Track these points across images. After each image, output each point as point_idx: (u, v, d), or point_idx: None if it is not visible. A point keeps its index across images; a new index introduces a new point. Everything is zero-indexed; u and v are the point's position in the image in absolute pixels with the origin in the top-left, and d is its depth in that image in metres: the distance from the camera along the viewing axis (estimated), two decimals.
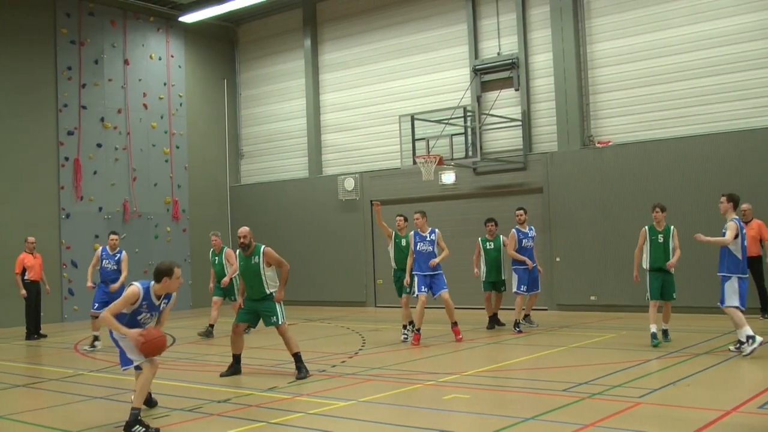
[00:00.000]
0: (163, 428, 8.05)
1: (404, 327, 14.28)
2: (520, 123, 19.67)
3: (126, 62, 23.19)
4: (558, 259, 18.76)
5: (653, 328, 12.38)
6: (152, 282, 8.19)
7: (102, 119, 22.46)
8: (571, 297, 18.55)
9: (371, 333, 15.60)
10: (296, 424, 8.01)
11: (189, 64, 24.99)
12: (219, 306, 16.28)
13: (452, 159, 18.85)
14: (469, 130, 18.95)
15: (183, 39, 24.76)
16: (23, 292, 17.12)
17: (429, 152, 18.47)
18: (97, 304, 14.80)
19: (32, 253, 17.42)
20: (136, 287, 8.10)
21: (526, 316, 15.71)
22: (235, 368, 11.27)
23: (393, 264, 14.99)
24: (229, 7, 22.30)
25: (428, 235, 14.22)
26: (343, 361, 12.02)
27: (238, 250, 11.35)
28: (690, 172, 17.06)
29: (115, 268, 15.17)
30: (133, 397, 8.18)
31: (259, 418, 8.31)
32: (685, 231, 13.32)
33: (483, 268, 15.55)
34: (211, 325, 16.20)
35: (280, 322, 10.96)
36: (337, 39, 23.66)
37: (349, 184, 22.41)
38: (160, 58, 24.11)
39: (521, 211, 15.51)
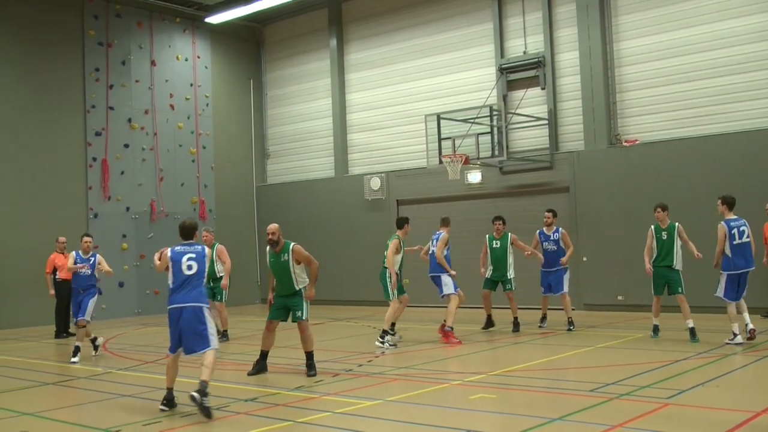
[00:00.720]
0: (190, 427, 8.11)
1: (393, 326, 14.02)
2: (546, 122, 19.59)
3: (153, 63, 23.33)
4: (585, 259, 18.66)
5: (655, 321, 13.53)
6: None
7: (129, 120, 22.62)
8: (598, 297, 18.45)
9: (397, 332, 15.57)
10: (323, 423, 8.02)
11: (215, 65, 25.11)
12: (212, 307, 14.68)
13: (478, 158, 18.81)
14: (495, 129, 18.89)
15: (209, 40, 24.88)
16: (52, 291, 17.32)
17: (455, 151, 18.44)
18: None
19: (63, 253, 17.60)
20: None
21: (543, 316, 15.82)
22: (261, 365, 11.32)
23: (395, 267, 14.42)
24: (254, 8, 22.39)
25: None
26: (370, 361, 12.02)
27: (267, 247, 11.33)
28: (718, 171, 16.90)
29: (90, 272, 13.80)
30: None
31: (286, 417, 8.33)
32: (714, 230, 13.25)
33: (488, 266, 15.55)
34: (224, 330, 15.49)
35: (303, 317, 11.03)
36: (362, 39, 23.68)
37: (375, 183, 22.42)
38: (186, 59, 24.24)
39: (549, 214, 15.45)
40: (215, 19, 23.44)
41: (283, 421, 8.17)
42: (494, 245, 15.45)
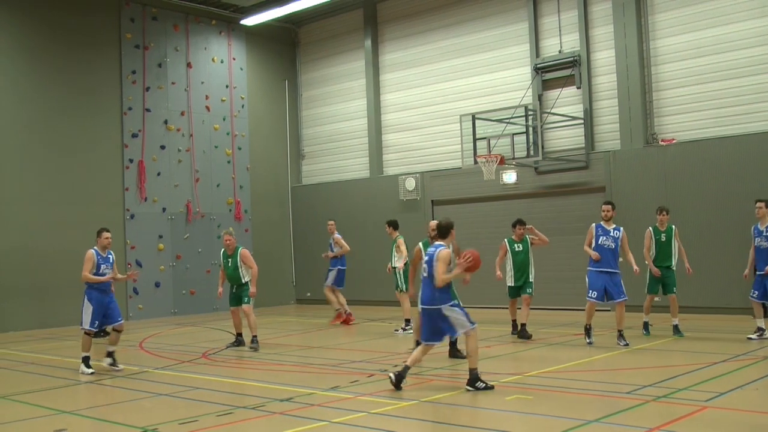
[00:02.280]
0: (225, 426, 8.15)
1: (407, 322, 15.73)
2: (582, 121, 19.46)
3: (189, 65, 23.51)
4: (620, 260, 18.48)
5: (646, 318, 14.23)
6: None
7: (165, 122, 22.81)
8: (634, 298, 18.22)
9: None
10: (358, 424, 8.02)
11: (250, 66, 25.24)
12: (238, 313, 14.66)
13: (513, 158, 18.74)
14: (531, 129, 18.79)
15: (244, 41, 25.02)
16: None
17: (490, 152, 18.39)
18: (97, 321, 12.33)
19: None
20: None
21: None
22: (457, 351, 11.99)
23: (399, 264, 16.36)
24: (289, 9, 22.47)
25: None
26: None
27: (422, 241, 12.26)
28: (756, 170, 16.68)
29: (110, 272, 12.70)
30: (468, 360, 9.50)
31: (321, 417, 8.35)
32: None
33: (510, 271, 14.60)
34: (239, 334, 14.75)
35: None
36: (397, 39, 23.68)
37: (410, 184, 22.40)
38: (222, 61, 24.40)
39: (608, 206, 13.80)
40: (251, 21, 23.59)
41: (318, 421, 8.18)
42: (516, 249, 14.62)
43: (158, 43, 22.83)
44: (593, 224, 13.85)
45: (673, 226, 14.20)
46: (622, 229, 13.74)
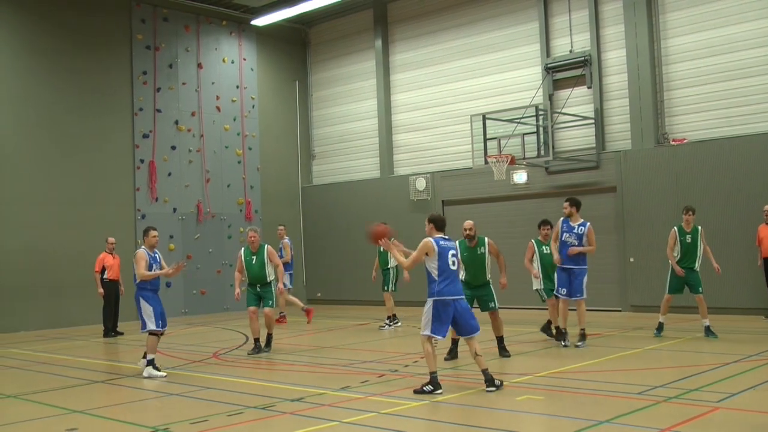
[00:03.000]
0: (236, 426, 8.16)
1: (389, 318, 17.03)
2: (592, 121, 19.42)
3: (199, 66, 23.56)
4: (632, 260, 18.47)
5: (662, 319, 13.86)
6: None
7: (176, 122, 22.86)
8: (644, 298, 18.22)
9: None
10: (369, 424, 8.02)
11: (261, 67, 25.28)
12: (257, 316, 13.91)
13: (524, 158, 18.72)
14: (541, 129, 18.77)
15: (255, 42, 25.06)
16: (101, 290, 17.63)
17: (501, 152, 18.37)
18: (160, 321, 12.02)
19: (112, 254, 17.91)
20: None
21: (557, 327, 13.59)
22: (454, 352, 12.15)
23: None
24: (300, 9, 22.51)
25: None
26: (415, 361, 11.99)
27: (458, 240, 11.15)
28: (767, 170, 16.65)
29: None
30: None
31: (331, 417, 8.35)
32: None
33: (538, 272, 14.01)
34: (257, 340, 13.85)
35: (496, 307, 12.08)
36: (408, 39, 23.68)
37: (421, 184, 22.39)
38: (232, 62, 24.44)
39: (566, 203, 13.37)
40: (261, 21, 23.63)
41: (328, 421, 8.18)
42: (544, 251, 14.00)
43: (169, 43, 22.89)
44: (560, 219, 13.38)
45: (699, 227, 13.96)
46: (588, 224, 13.15)
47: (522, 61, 20.99)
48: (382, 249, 16.41)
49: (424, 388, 9.34)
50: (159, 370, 11.68)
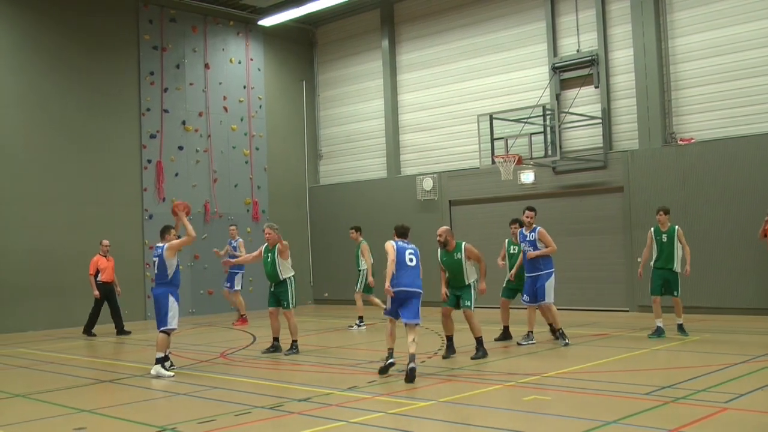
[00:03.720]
0: (243, 425, 8.17)
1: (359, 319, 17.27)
2: (600, 121, 19.38)
3: (206, 66, 23.59)
4: (639, 260, 18.37)
5: (659, 323, 13.65)
6: None
7: (183, 122, 22.90)
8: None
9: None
10: (376, 424, 8.02)
11: (268, 67, 25.30)
12: (277, 315, 13.73)
13: (531, 158, 18.70)
14: (549, 128, 18.76)
15: (262, 42, 25.08)
16: (96, 292, 17.76)
17: (508, 152, 18.36)
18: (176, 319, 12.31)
19: (106, 256, 17.96)
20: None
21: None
22: (451, 349, 12.48)
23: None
24: (307, 10, 22.54)
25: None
26: (423, 361, 11.99)
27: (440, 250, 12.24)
28: None
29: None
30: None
31: (339, 417, 8.35)
32: None
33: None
34: (276, 339, 13.75)
35: (470, 307, 12.24)
36: (414, 39, 23.68)
37: (428, 184, 22.39)
38: (239, 62, 24.47)
39: (531, 212, 13.68)
40: (268, 21, 23.66)
41: (336, 421, 8.19)
42: (512, 251, 14.27)
43: (176, 44, 22.93)
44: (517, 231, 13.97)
45: (676, 227, 13.98)
46: (538, 228, 13.46)
47: (529, 61, 20.97)
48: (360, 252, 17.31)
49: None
50: (168, 369, 11.69)
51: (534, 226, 13.48)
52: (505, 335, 14.13)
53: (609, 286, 18.98)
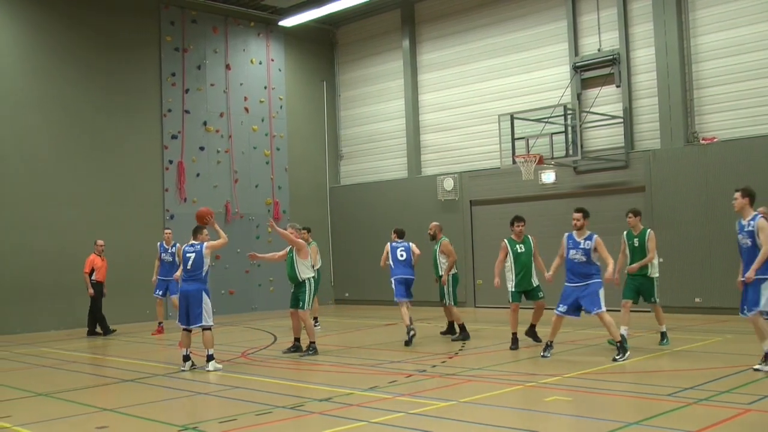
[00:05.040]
0: (264, 425, 8.19)
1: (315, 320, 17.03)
2: (621, 120, 19.29)
3: (227, 67, 23.68)
4: (661, 260, 18.25)
5: (623, 330, 12.28)
6: None
7: (204, 123, 22.99)
8: (674, 299, 18.06)
9: (471, 333, 15.49)
10: (397, 424, 8.02)
11: (289, 67, 25.35)
12: (297, 316, 13.50)
13: (552, 158, 18.64)
14: (570, 128, 18.68)
15: (283, 43, 25.14)
16: (91, 291, 17.91)
17: (528, 151, 18.31)
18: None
19: (101, 256, 18.05)
20: None
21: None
22: (517, 343, 13.10)
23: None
24: (328, 10, 22.57)
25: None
26: (443, 362, 11.99)
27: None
28: None
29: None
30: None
31: (359, 417, 8.35)
32: None
33: (512, 274, 13.40)
34: (297, 339, 13.71)
35: (445, 302, 14.86)
36: (435, 39, 23.66)
37: (449, 184, 22.36)
38: (260, 63, 24.54)
39: (578, 214, 12.22)
40: (289, 22, 23.72)
41: (356, 421, 8.19)
42: (518, 250, 13.46)
43: (197, 45, 23.02)
44: (565, 235, 12.30)
45: (648, 230, 13.22)
46: (594, 236, 11.95)
47: (550, 60, 20.90)
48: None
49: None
50: (188, 369, 11.89)
51: (589, 232, 12.01)
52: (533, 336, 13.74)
53: None
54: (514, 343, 13.15)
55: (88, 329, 18.09)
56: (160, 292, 18.10)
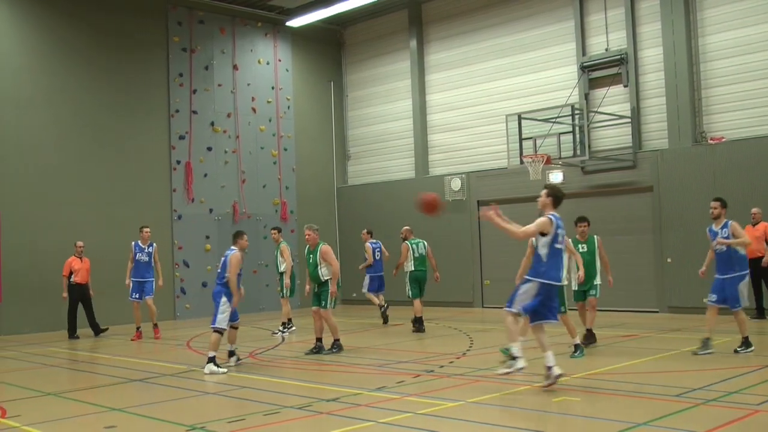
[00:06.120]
0: (272, 425, 8.20)
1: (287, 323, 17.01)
2: (629, 120, 19.26)
3: (235, 67, 23.71)
4: (669, 260, 18.28)
5: (576, 340, 12.09)
6: None
7: (212, 123, 23.02)
8: (683, 299, 18.04)
9: (479, 333, 15.50)
10: (405, 424, 8.02)
11: (296, 68, 25.37)
12: (319, 315, 13.70)
13: (560, 158, 18.61)
14: (577, 128, 18.65)
15: (290, 43, 25.16)
16: (65, 294, 17.86)
17: (536, 151, 18.29)
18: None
19: (80, 258, 18.00)
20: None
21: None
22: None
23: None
24: (335, 10, 22.58)
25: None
26: (451, 362, 11.99)
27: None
28: None
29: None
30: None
31: (367, 417, 8.36)
32: None
33: (572, 275, 13.25)
34: (319, 339, 13.70)
35: (410, 296, 16.41)
36: (442, 39, 23.64)
37: (456, 184, 22.35)
38: (267, 63, 24.56)
39: (716, 203, 12.32)
40: (296, 22, 23.72)
41: (364, 421, 8.20)
42: (580, 249, 13.35)
43: (205, 45, 23.06)
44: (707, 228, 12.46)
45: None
46: (730, 222, 11.98)
47: (557, 60, 20.88)
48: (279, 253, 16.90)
49: None
50: (219, 366, 11.88)
51: (725, 220, 12.02)
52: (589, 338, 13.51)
53: (638, 287, 18.84)
54: (584, 343, 12.76)
55: (69, 332, 17.97)
56: (137, 295, 17.20)
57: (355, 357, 13.19)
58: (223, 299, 12.29)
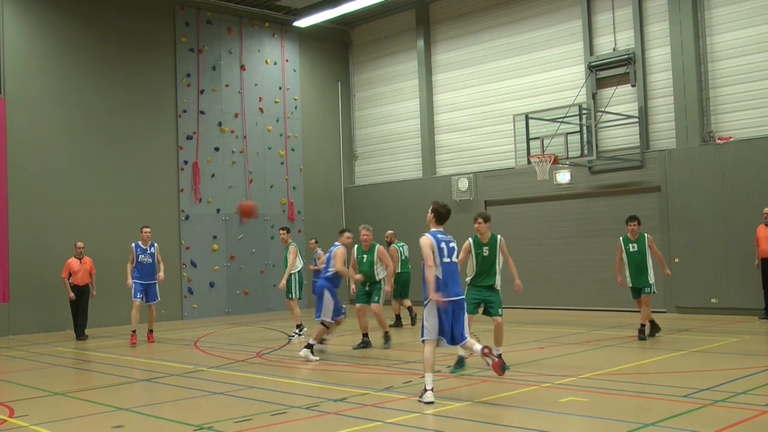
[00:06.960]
0: (279, 425, 8.20)
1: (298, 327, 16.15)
2: (636, 120, 19.22)
3: (242, 68, 23.74)
4: (677, 260, 18.23)
5: (499, 350, 11.23)
6: None
7: (219, 124, 23.06)
8: (690, 300, 18.01)
9: (487, 334, 15.46)
10: (412, 425, 8.02)
11: (303, 68, 25.39)
12: (365, 312, 14.29)
13: (567, 158, 18.59)
14: (585, 128, 18.62)
15: (297, 43, 25.18)
16: (72, 295, 17.76)
17: (543, 151, 18.26)
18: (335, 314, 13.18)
19: (80, 258, 17.96)
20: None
21: None
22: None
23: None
24: (342, 10, 22.57)
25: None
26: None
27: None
28: None
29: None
30: None
31: (375, 417, 8.36)
32: None
33: (627, 272, 13.96)
34: (365, 335, 14.14)
35: (379, 301, 14.33)
36: (450, 39, 23.63)
37: (463, 184, 22.33)
38: (275, 63, 24.59)
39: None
40: (303, 22, 23.72)
41: (372, 421, 8.20)
42: (631, 249, 13.85)
43: (212, 46, 23.10)
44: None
45: (646, 235, 13.72)
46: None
47: (565, 60, 20.84)
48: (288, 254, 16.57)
49: None
50: (314, 355, 12.66)
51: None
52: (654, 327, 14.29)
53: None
54: (642, 333, 13.84)
55: (76, 333, 17.98)
56: (141, 296, 16.51)
57: (362, 357, 13.19)
58: (326, 294, 12.95)
